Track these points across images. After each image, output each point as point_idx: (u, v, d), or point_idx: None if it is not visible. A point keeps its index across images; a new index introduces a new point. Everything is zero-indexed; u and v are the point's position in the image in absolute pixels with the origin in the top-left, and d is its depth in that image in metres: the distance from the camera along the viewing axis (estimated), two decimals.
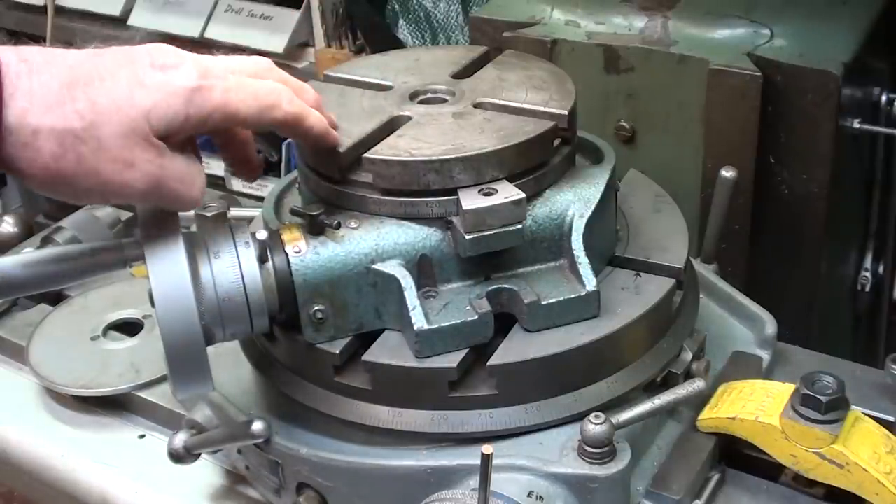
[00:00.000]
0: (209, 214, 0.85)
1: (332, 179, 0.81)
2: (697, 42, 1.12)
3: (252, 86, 0.71)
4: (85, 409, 1.03)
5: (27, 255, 0.75)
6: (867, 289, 1.34)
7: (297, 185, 0.91)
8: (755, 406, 0.80)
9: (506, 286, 0.79)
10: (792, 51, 1.09)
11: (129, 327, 1.11)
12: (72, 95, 0.63)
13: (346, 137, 0.80)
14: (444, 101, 0.87)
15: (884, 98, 1.19)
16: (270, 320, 0.78)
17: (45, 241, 1.18)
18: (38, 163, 0.63)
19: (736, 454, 0.84)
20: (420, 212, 0.78)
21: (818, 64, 1.05)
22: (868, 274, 1.34)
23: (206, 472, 0.94)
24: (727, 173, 1.00)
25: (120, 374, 1.03)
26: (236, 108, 0.70)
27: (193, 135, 0.71)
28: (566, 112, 0.82)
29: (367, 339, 0.80)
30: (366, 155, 0.78)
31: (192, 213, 0.87)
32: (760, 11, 1.15)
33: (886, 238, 1.36)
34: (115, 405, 1.03)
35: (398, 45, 1.68)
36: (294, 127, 0.75)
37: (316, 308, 0.77)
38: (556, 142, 0.83)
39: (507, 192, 0.76)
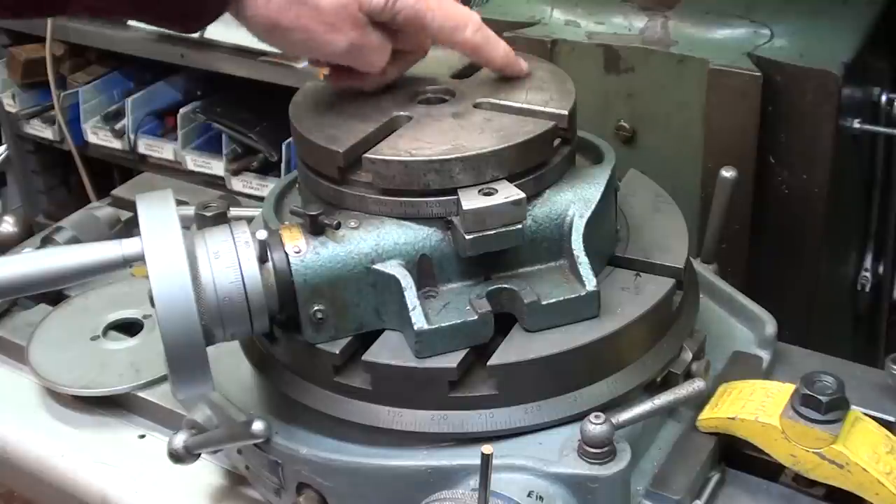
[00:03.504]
0: (209, 214, 0.85)
1: (332, 179, 0.81)
2: (697, 42, 1.12)
3: (449, 3, 0.83)
4: (85, 409, 1.03)
5: (27, 255, 0.75)
6: (867, 289, 1.35)
7: (297, 185, 0.91)
8: (755, 406, 0.80)
9: (506, 286, 0.79)
10: (792, 51, 1.09)
11: (129, 327, 1.11)
12: None
13: (346, 137, 0.80)
14: (444, 101, 0.87)
15: (884, 98, 1.19)
16: (270, 320, 0.78)
17: (45, 241, 1.18)
18: (267, 11, 0.77)
19: (736, 454, 0.84)
20: (420, 212, 0.78)
21: (818, 64, 1.06)
22: (868, 274, 1.34)
23: (206, 473, 0.94)
24: (727, 173, 1.00)
25: (120, 374, 1.03)
26: (424, 16, 0.82)
27: (405, 22, 0.82)
28: (566, 112, 0.82)
29: (367, 339, 0.80)
30: (366, 155, 0.78)
31: (192, 212, 0.88)
32: (760, 11, 1.15)
33: (886, 238, 1.36)
34: (115, 405, 1.03)
35: None
36: (475, 53, 0.86)
37: (316, 308, 0.77)
38: (556, 142, 0.83)
39: (507, 193, 0.76)
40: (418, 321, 0.76)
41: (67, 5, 0.77)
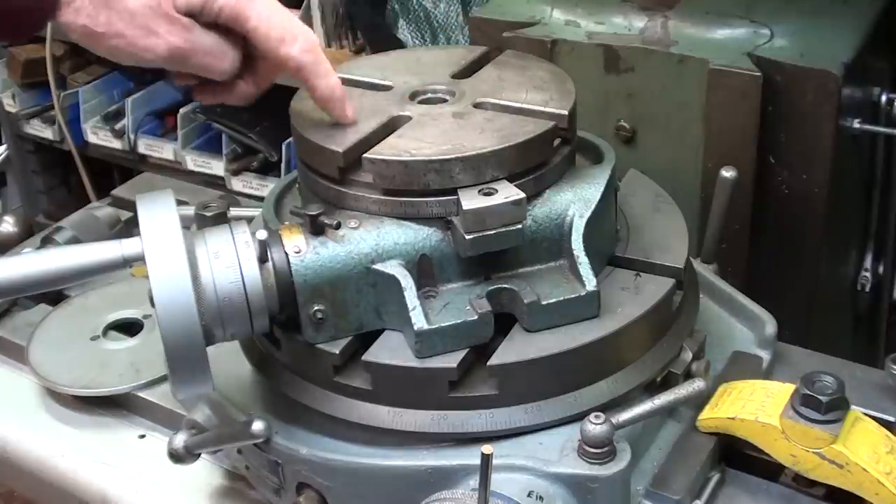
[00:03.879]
0: (209, 214, 0.85)
1: (332, 179, 0.81)
2: (697, 42, 1.12)
3: (281, 17, 0.80)
4: (85, 409, 1.03)
5: (27, 255, 0.75)
6: (867, 289, 1.35)
7: (297, 185, 0.91)
8: (755, 406, 0.80)
9: (506, 286, 0.79)
10: (792, 51, 1.09)
11: (129, 327, 1.11)
12: None
13: (346, 137, 0.80)
14: (445, 101, 0.87)
15: (884, 98, 1.19)
16: (270, 320, 0.78)
17: (45, 241, 1.18)
18: (78, 22, 0.76)
19: (736, 454, 0.84)
20: (420, 212, 0.78)
21: (818, 64, 1.06)
22: (868, 274, 1.34)
23: (206, 472, 0.94)
24: (727, 173, 1.00)
25: (120, 374, 1.03)
26: (248, 18, 0.78)
27: (227, 22, 0.79)
28: (566, 112, 0.82)
29: (367, 339, 0.80)
30: (366, 155, 0.78)
31: (192, 212, 0.88)
32: (760, 11, 1.15)
33: (886, 238, 1.36)
34: (115, 405, 1.03)
35: (398, 45, 1.68)
36: (299, 75, 0.80)
37: (316, 308, 0.77)
38: (556, 142, 0.83)
39: (507, 193, 0.76)
40: (418, 321, 0.76)
41: None
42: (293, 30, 0.79)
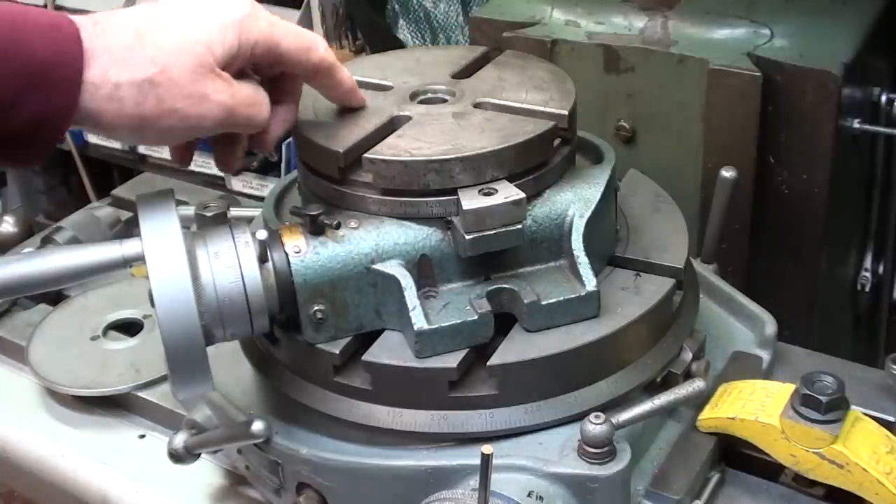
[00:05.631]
0: (209, 214, 0.85)
1: (332, 179, 0.81)
2: (697, 42, 1.12)
3: (294, 27, 0.77)
4: (85, 409, 1.03)
5: (27, 255, 0.75)
6: (867, 289, 1.35)
7: (297, 185, 0.91)
8: (755, 406, 0.80)
9: (506, 286, 0.79)
10: (792, 51, 1.09)
11: (129, 327, 1.11)
12: (141, 45, 0.69)
13: (346, 137, 0.80)
14: (444, 101, 0.87)
15: (884, 98, 1.19)
16: (270, 320, 0.78)
17: (45, 241, 1.18)
18: (124, 112, 0.68)
19: (736, 454, 0.84)
20: (420, 212, 0.78)
21: (818, 64, 1.06)
22: (868, 274, 1.34)
23: (206, 472, 0.94)
24: (727, 173, 1.00)
25: (120, 373, 1.03)
26: (279, 40, 0.75)
27: (248, 65, 0.76)
28: (566, 112, 0.82)
29: (367, 339, 0.80)
30: (366, 155, 0.78)
31: (192, 212, 0.88)
32: (760, 11, 1.15)
33: (886, 238, 1.36)
34: (115, 405, 1.03)
35: (398, 45, 1.68)
36: (328, 74, 0.79)
37: (316, 308, 0.77)
38: (556, 142, 0.83)
39: (507, 193, 0.76)
40: (418, 321, 0.76)
41: None
42: (308, 35, 0.78)
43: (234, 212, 1.01)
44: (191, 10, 0.72)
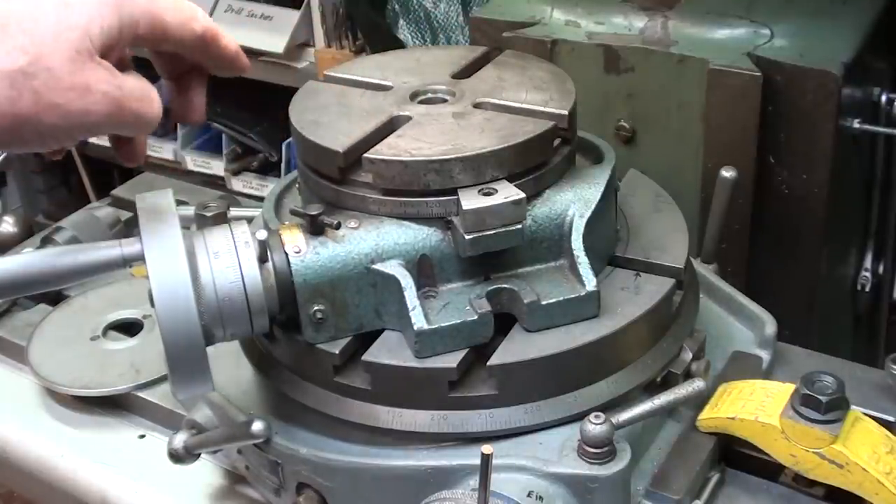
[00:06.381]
0: (209, 214, 0.85)
1: (332, 179, 0.81)
2: (697, 42, 1.12)
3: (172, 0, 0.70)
4: (85, 409, 1.03)
5: (27, 255, 0.75)
6: (867, 289, 1.35)
7: (296, 185, 0.91)
8: (755, 406, 0.80)
9: (506, 286, 0.79)
10: (792, 51, 1.09)
11: (129, 327, 1.11)
12: (7, 33, 0.61)
13: (346, 137, 0.80)
14: (444, 101, 0.87)
15: (884, 98, 1.19)
16: (270, 320, 0.78)
17: (45, 241, 1.18)
18: None
19: (736, 454, 0.84)
20: (420, 212, 0.78)
21: (818, 64, 1.06)
22: (868, 274, 1.34)
23: (206, 473, 0.94)
24: (727, 173, 1.00)
25: (120, 374, 1.03)
26: (162, 13, 0.68)
27: (129, 52, 0.70)
28: (566, 112, 0.82)
29: (367, 339, 0.80)
30: (366, 155, 0.78)
31: (191, 212, 0.88)
32: (760, 11, 1.15)
33: (886, 238, 1.36)
34: (114, 405, 1.03)
35: (398, 45, 1.68)
36: (213, 42, 0.73)
37: (316, 308, 0.77)
38: (556, 142, 0.83)
39: (507, 193, 0.76)
40: (418, 321, 0.76)
41: None
42: (188, 4, 0.71)
43: (233, 212, 1.01)
44: None
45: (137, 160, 0.76)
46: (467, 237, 0.75)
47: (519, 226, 0.76)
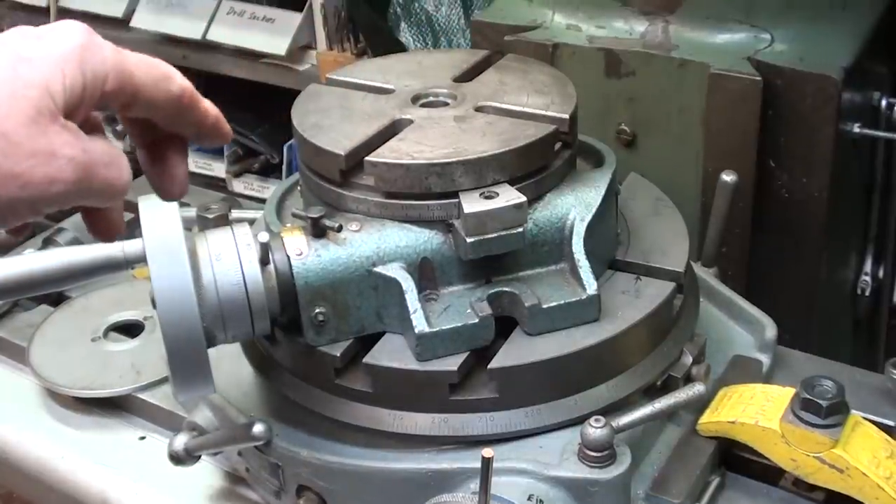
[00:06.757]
0: (211, 216, 0.85)
1: (334, 182, 0.81)
2: (698, 46, 1.13)
3: (144, 56, 0.63)
4: (85, 411, 1.03)
5: (28, 256, 0.75)
6: (867, 293, 1.35)
7: (298, 188, 0.91)
8: (755, 410, 0.81)
9: (507, 289, 0.79)
10: (792, 55, 1.09)
11: (130, 329, 1.11)
12: None
13: (348, 140, 0.80)
14: (446, 104, 0.87)
15: (883, 102, 1.19)
16: (271, 322, 0.78)
17: (47, 242, 1.19)
18: None
19: (736, 458, 0.84)
20: (421, 215, 0.78)
21: (818, 68, 1.06)
22: (868, 278, 1.34)
23: (207, 474, 0.94)
24: (727, 177, 1.00)
25: (120, 375, 1.03)
26: (132, 71, 0.60)
27: (95, 113, 0.64)
28: (567, 116, 0.82)
29: (368, 341, 0.80)
30: (367, 158, 0.78)
31: (193, 214, 0.88)
32: (761, 16, 1.15)
33: (886, 242, 1.36)
34: (115, 406, 1.03)
35: (400, 48, 1.68)
36: (193, 106, 0.65)
37: (317, 310, 0.78)
38: (557, 145, 0.83)
39: (509, 196, 0.76)
40: (419, 324, 0.76)
41: None
42: (163, 64, 0.64)
43: (235, 214, 1.01)
44: (12, 45, 0.57)
45: (116, 231, 0.68)
46: (468, 240, 0.76)
47: (520, 229, 0.76)
